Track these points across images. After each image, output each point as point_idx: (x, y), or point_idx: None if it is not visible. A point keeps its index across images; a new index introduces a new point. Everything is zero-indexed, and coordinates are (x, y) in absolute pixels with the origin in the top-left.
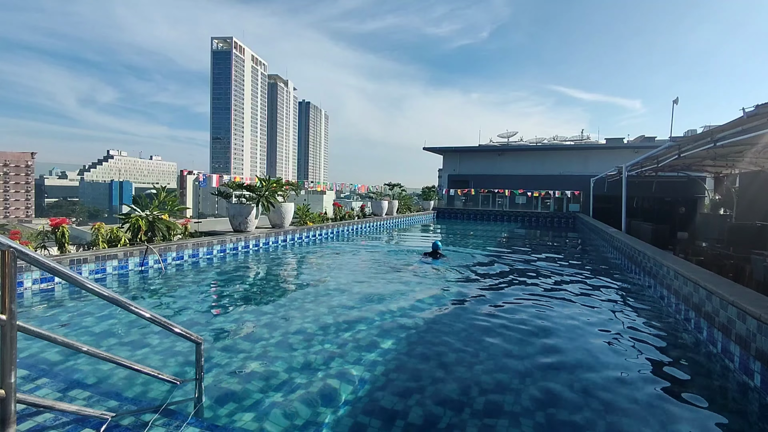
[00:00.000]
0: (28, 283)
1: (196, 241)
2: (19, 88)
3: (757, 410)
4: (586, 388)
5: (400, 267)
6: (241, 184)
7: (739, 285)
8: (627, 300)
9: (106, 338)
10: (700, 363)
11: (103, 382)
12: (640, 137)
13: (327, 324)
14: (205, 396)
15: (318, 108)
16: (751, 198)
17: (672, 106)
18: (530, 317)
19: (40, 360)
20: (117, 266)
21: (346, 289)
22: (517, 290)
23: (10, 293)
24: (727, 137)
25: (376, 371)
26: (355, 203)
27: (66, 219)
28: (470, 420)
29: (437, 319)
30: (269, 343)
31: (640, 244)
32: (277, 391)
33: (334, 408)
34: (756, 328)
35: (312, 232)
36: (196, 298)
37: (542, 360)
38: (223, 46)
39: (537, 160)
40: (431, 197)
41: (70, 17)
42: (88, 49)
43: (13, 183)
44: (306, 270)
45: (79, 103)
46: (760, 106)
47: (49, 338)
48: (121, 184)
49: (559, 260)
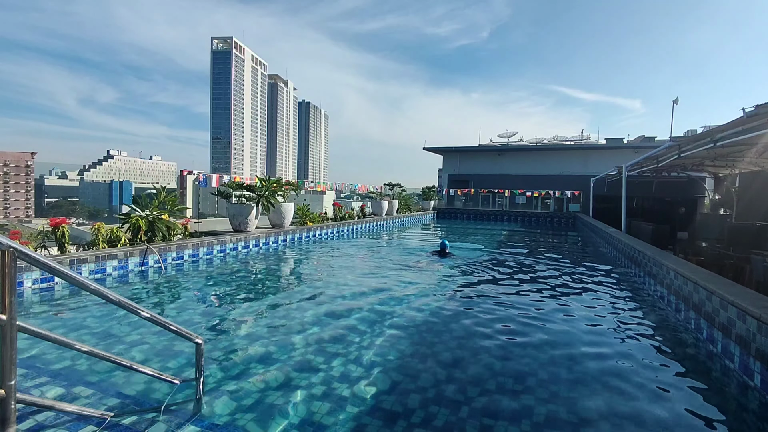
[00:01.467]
0: (28, 283)
1: (196, 241)
2: (19, 87)
3: (757, 410)
4: (585, 388)
5: (407, 265)
6: (241, 184)
7: (739, 285)
8: (627, 300)
9: (106, 338)
10: (700, 363)
11: (103, 382)
12: (640, 137)
13: (327, 323)
14: (205, 396)
15: (318, 108)
16: (751, 198)
17: (672, 106)
18: (531, 315)
19: (40, 360)
20: (117, 266)
21: (347, 289)
22: (521, 288)
23: (10, 293)
24: (727, 137)
25: (377, 371)
26: (355, 203)
27: (66, 219)
28: (477, 410)
29: (445, 317)
30: (269, 343)
31: (640, 244)
32: (277, 391)
33: (335, 408)
34: (756, 328)
35: (312, 232)
36: (196, 298)
37: (543, 358)
38: (223, 46)
39: (537, 160)
40: (431, 197)
41: (69, 17)
42: (88, 48)
43: (13, 183)
44: (306, 270)
45: (79, 103)
46: (760, 106)
47: (49, 338)
48: (121, 184)
49: (560, 260)
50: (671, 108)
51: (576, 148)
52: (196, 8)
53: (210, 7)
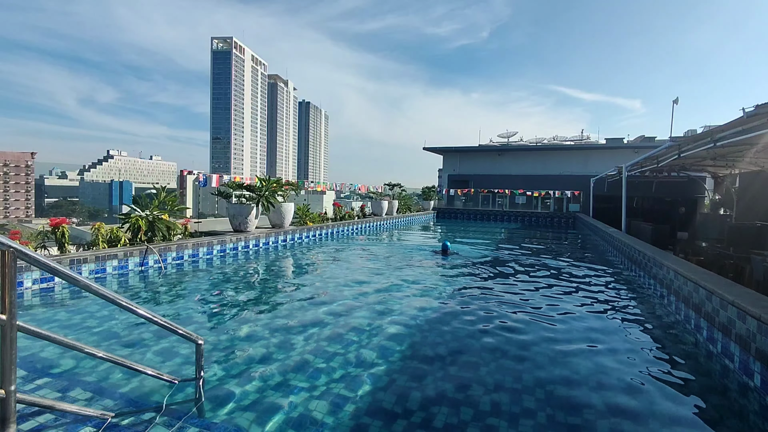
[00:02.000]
0: (28, 283)
1: (196, 241)
2: (19, 87)
3: (757, 410)
4: (585, 387)
5: (407, 264)
6: (241, 184)
7: (739, 285)
8: (626, 300)
9: (106, 338)
10: (699, 363)
11: (103, 382)
12: (640, 137)
13: (327, 323)
14: (205, 396)
15: (318, 108)
16: (751, 198)
17: (672, 107)
18: (531, 314)
19: (40, 360)
20: (117, 266)
21: (347, 289)
22: (521, 287)
23: (10, 293)
24: (727, 137)
25: (377, 371)
26: (355, 203)
27: (66, 219)
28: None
29: (445, 316)
30: (269, 343)
31: (640, 244)
32: (277, 391)
33: (335, 408)
34: (756, 329)
35: (312, 232)
36: (195, 298)
37: (543, 354)
38: (223, 46)
39: (537, 160)
40: (431, 197)
41: (69, 17)
42: (88, 48)
43: (13, 183)
44: (306, 270)
45: (79, 102)
46: (760, 106)
47: (49, 338)
48: (121, 184)
49: (560, 259)
50: (671, 108)
51: (576, 148)
52: (196, 8)
53: (210, 7)
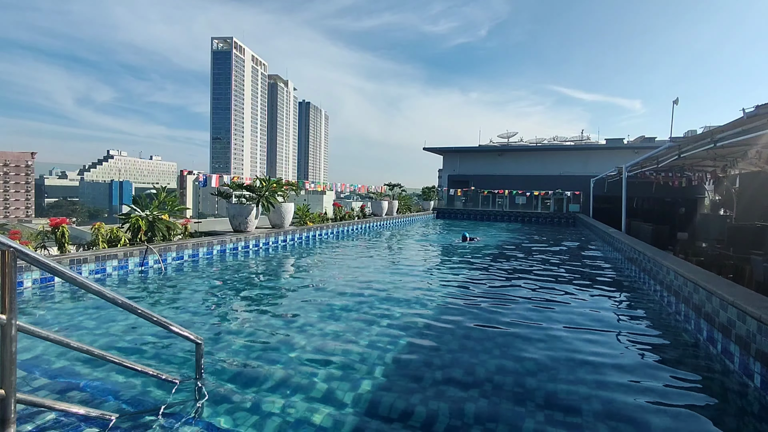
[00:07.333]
0: (28, 283)
1: (196, 241)
2: (16, 87)
3: (757, 411)
4: (584, 388)
5: (407, 264)
6: (241, 184)
7: (739, 285)
8: (626, 300)
9: (106, 338)
10: (699, 363)
11: (103, 383)
12: (640, 137)
13: (327, 323)
14: (205, 396)
15: (318, 108)
16: (751, 198)
17: (672, 107)
18: (530, 312)
19: (40, 360)
20: (117, 266)
21: (347, 289)
22: (520, 287)
23: (10, 293)
24: (727, 137)
25: (378, 371)
26: (355, 203)
27: (66, 219)
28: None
29: (446, 315)
30: (269, 343)
31: (640, 245)
32: (278, 391)
33: (336, 408)
34: (756, 329)
35: (312, 232)
36: (195, 298)
37: (540, 358)
38: (223, 46)
39: (537, 160)
40: (431, 197)
41: (66, 16)
42: (84, 48)
43: (13, 183)
44: (306, 270)
45: (77, 102)
46: (760, 107)
47: (49, 338)
48: (121, 184)
49: (560, 259)
50: (671, 108)
51: (576, 149)
52: (191, 6)
53: (205, 5)
